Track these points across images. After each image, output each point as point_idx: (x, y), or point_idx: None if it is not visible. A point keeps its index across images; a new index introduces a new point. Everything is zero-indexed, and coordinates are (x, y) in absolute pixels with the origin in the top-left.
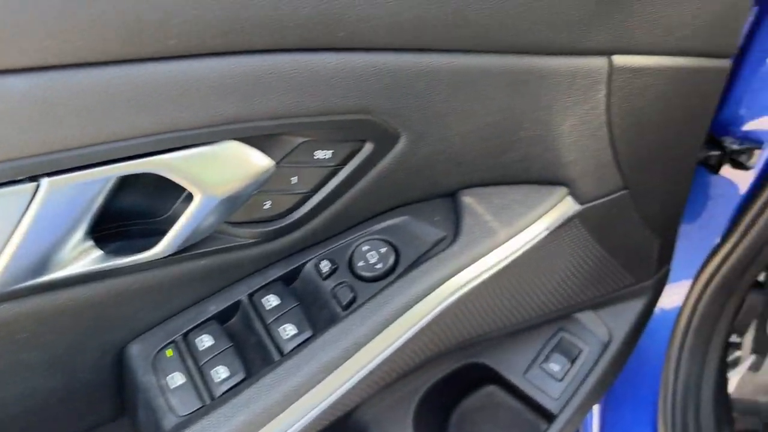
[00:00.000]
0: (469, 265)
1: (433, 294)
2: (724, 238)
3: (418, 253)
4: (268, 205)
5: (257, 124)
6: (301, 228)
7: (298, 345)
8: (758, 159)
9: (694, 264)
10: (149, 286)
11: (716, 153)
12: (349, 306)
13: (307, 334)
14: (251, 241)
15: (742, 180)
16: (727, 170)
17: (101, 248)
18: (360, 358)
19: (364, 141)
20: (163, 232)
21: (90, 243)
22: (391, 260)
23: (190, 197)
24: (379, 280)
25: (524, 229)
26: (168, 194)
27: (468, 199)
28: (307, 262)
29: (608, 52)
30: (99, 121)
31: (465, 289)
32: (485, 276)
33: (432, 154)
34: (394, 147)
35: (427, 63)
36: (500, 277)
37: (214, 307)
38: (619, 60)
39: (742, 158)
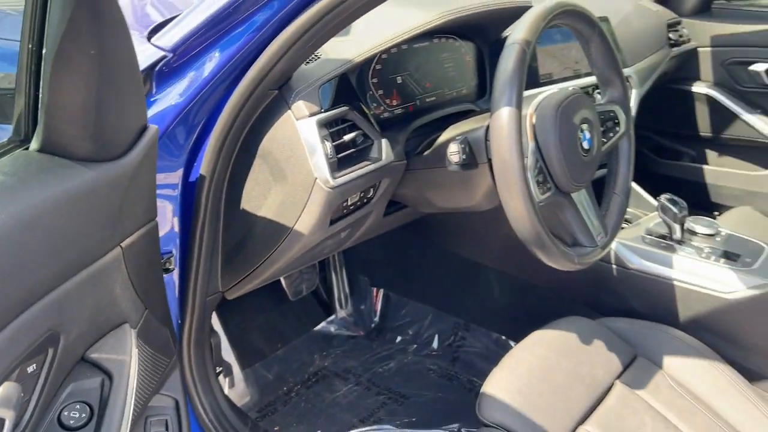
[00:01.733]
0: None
1: (125, 412)
2: (183, 311)
3: (98, 397)
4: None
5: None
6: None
7: None
8: None
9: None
10: None
11: None
12: None
13: None
14: None
15: None
16: None
17: None
18: None
19: (48, 349)
20: None
21: None
22: (88, 409)
23: None
24: (90, 421)
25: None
26: None
27: (95, 355)
28: None
29: (120, 242)
30: None
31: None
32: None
33: (74, 340)
34: (58, 345)
35: (73, 287)
36: None
37: None
38: (124, 243)
39: None
